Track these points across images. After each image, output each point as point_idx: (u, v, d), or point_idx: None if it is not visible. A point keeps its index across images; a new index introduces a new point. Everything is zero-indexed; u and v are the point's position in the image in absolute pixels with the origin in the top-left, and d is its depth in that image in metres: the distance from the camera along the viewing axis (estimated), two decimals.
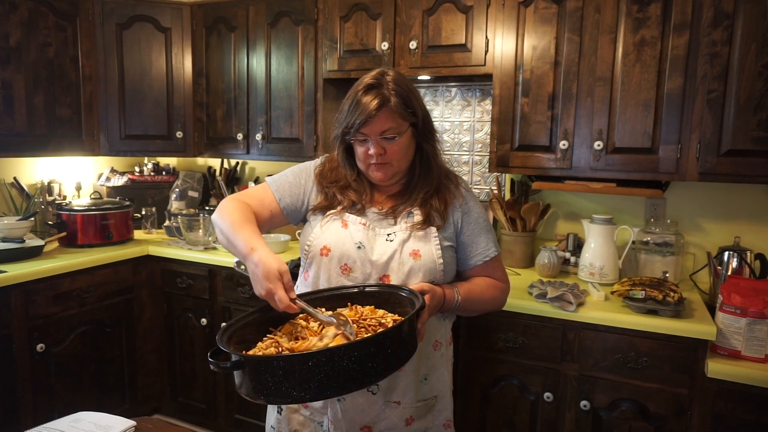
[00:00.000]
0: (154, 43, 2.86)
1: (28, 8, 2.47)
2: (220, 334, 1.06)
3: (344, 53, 2.50)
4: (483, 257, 1.38)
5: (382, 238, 1.31)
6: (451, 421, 1.44)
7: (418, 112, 1.32)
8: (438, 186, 1.37)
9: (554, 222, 2.55)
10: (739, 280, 1.82)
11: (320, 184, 1.41)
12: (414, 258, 1.29)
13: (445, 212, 1.35)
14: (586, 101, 2.06)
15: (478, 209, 1.41)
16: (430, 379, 1.36)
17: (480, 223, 1.39)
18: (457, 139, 2.72)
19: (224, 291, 2.61)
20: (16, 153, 2.54)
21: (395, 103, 1.26)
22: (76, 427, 1.17)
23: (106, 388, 2.62)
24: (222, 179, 3.13)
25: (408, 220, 1.33)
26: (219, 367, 0.98)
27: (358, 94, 1.28)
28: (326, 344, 1.05)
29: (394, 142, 1.29)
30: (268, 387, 0.94)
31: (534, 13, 2.11)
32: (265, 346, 1.10)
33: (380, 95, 1.25)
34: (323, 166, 1.43)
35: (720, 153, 1.88)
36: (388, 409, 1.30)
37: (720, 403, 1.68)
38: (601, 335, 1.84)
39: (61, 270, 2.36)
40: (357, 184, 1.39)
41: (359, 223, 1.33)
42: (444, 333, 1.40)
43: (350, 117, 1.28)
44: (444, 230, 1.34)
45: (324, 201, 1.38)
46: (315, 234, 1.35)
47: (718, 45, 1.85)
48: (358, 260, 1.30)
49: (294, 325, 1.17)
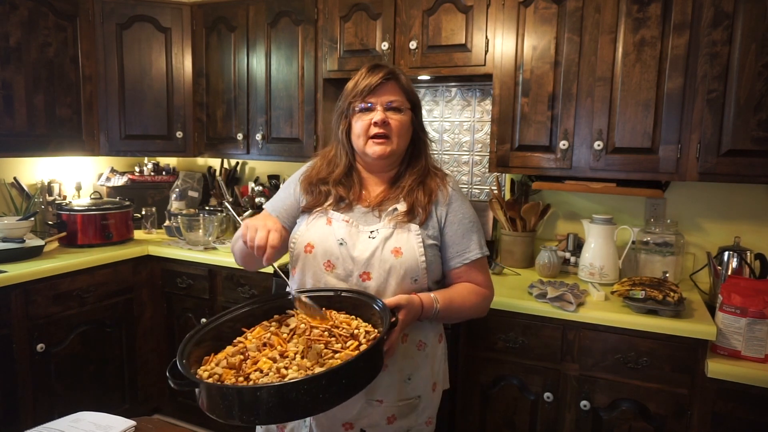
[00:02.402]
0: (154, 43, 2.86)
1: (28, 8, 2.47)
2: (181, 348, 1.08)
3: (344, 53, 2.50)
4: (462, 259, 1.36)
5: (365, 235, 1.32)
6: (433, 418, 1.43)
7: (417, 101, 1.39)
8: (424, 176, 1.39)
9: (554, 222, 2.55)
10: (739, 280, 1.82)
11: (308, 186, 1.43)
12: (395, 255, 1.28)
13: (428, 206, 1.34)
14: (586, 101, 2.06)
15: (464, 209, 1.39)
16: (414, 379, 1.35)
17: (464, 223, 1.37)
18: (457, 139, 2.72)
19: (224, 291, 2.61)
20: (16, 153, 2.54)
21: (403, 80, 1.35)
22: (76, 427, 1.17)
23: (106, 388, 2.62)
24: (222, 179, 3.13)
25: (392, 215, 1.33)
26: (176, 384, 1.01)
27: (362, 73, 1.35)
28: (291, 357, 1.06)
29: (400, 113, 1.34)
30: (220, 409, 0.97)
31: (534, 13, 2.11)
32: (232, 352, 1.11)
33: (387, 69, 1.34)
34: (313, 167, 1.46)
35: (720, 153, 1.88)
36: (370, 407, 1.30)
37: (720, 403, 1.68)
38: (601, 335, 1.84)
39: (61, 270, 2.36)
40: (347, 179, 1.40)
41: (342, 220, 1.34)
42: (428, 333, 1.38)
43: (357, 88, 1.34)
44: (427, 227, 1.33)
45: (311, 201, 1.40)
46: (300, 231, 1.37)
47: (718, 45, 1.85)
48: (341, 257, 1.30)
49: (266, 329, 1.18)
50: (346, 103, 1.37)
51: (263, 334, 1.16)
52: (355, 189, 1.39)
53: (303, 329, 1.14)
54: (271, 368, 1.03)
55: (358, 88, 1.33)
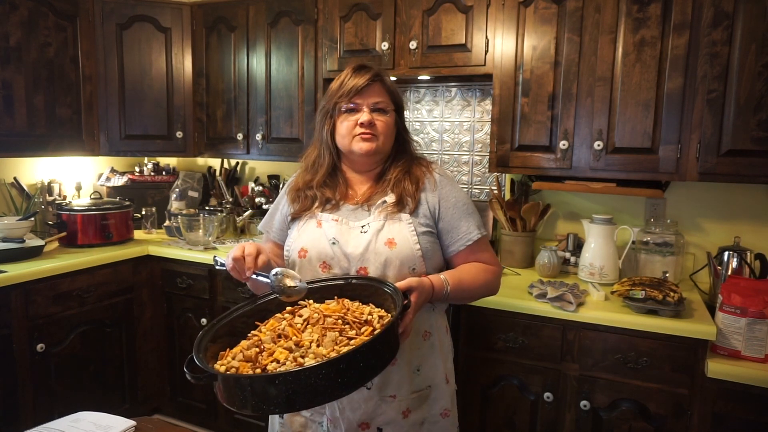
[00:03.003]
0: (154, 43, 2.86)
1: (28, 8, 2.47)
2: (197, 342, 1.08)
3: (344, 53, 2.50)
4: (465, 241, 1.36)
5: (356, 231, 1.32)
6: (449, 410, 1.41)
7: (401, 102, 1.42)
8: (409, 166, 1.40)
9: (554, 222, 2.55)
10: (739, 280, 1.82)
11: (294, 194, 1.43)
12: (389, 247, 1.29)
13: (417, 194, 1.35)
14: (586, 101, 2.06)
15: (456, 194, 1.39)
16: (423, 370, 1.36)
17: (459, 207, 1.38)
18: (457, 139, 2.72)
19: (224, 291, 2.61)
20: (16, 153, 2.54)
21: (388, 82, 1.37)
22: (76, 427, 1.17)
23: (106, 388, 2.61)
24: (222, 179, 3.13)
25: (382, 207, 1.33)
26: (194, 378, 1.01)
27: (348, 73, 1.36)
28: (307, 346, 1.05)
29: (386, 114, 1.35)
30: (240, 400, 0.96)
31: (534, 13, 2.11)
32: (247, 345, 1.11)
33: (373, 71, 1.35)
34: (295, 180, 1.47)
35: (720, 153, 1.88)
36: (384, 404, 1.31)
37: (720, 403, 1.68)
38: (601, 335, 1.84)
39: (61, 270, 2.36)
40: (331, 179, 1.41)
41: (332, 219, 1.34)
42: (433, 323, 1.39)
43: (342, 89, 1.34)
44: (417, 215, 1.34)
45: (299, 207, 1.41)
46: (292, 238, 1.38)
47: (718, 45, 1.85)
48: (335, 257, 1.31)
49: (279, 321, 1.18)
50: (331, 103, 1.36)
51: (277, 326, 1.15)
52: (341, 188, 1.40)
53: (316, 318, 1.13)
54: (287, 358, 1.02)
55: (344, 89, 1.33)
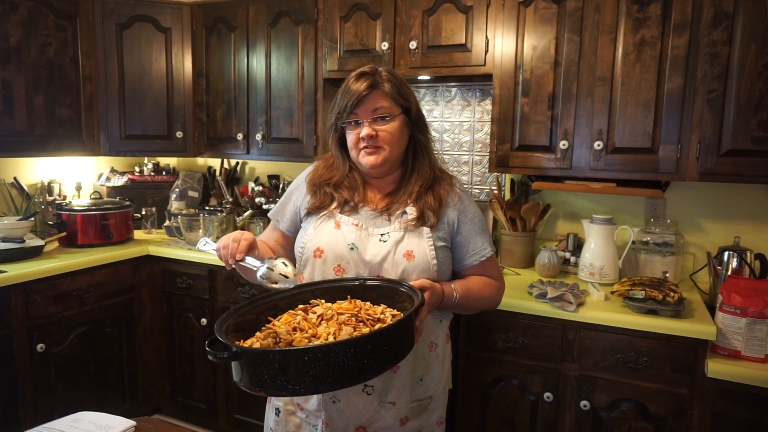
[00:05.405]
0: (154, 43, 2.86)
1: (28, 8, 2.47)
2: (219, 324, 1.06)
3: (344, 53, 2.50)
4: (479, 257, 1.38)
5: (375, 239, 1.31)
6: (443, 417, 1.44)
7: (411, 99, 1.35)
8: (432, 182, 1.38)
9: (554, 222, 2.55)
10: (739, 280, 1.82)
11: (313, 187, 1.42)
12: (408, 259, 1.29)
13: (440, 210, 1.35)
14: (586, 101, 2.06)
15: (473, 209, 1.41)
16: (425, 380, 1.36)
17: (476, 223, 1.39)
18: (457, 139, 2.72)
19: (224, 291, 2.61)
20: (16, 153, 2.54)
21: (387, 87, 1.30)
22: (76, 427, 1.17)
23: (106, 388, 2.61)
24: (222, 179, 3.13)
25: (402, 218, 1.33)
26: (216, 357, 0.98)
27: (350, 81, 1.32)
28: (324, 338, 1.05)
29: (386, 122, 1.30)
30: (264, 379, 0.94)
31: (534, 13, 2.11)
32: (263, 336, 1.10)
33: (371, 78, 1.30)
34: (316, 170, 1.45)
35: (720, 153, 1.88)
36: (383, 409, 1.31)
37: (720, 403, 1.68)
38: (601, 335, 1.84)
39: (61, 270, 2.36)
40: (349, 180, 1.39)
41: (351, 223, 1.33)
42: (439, 334, 1.40)
43: (343, 101, 1.31)
44: (438, 230, 1.34)
45: (316, 202, 1.39)
46: (308, 236, 1.36)
47: (718, 45, 1.85)
48: (351, 261, 1.30)
49: (293, 316, 1.17)
50: (333, 117, 1.36)
51: (292, 321, 1.15)
52: (360, 190, 1.38)
53: (330, 315, 1.13)
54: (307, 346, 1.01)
55: (343, 102, 1.31)
